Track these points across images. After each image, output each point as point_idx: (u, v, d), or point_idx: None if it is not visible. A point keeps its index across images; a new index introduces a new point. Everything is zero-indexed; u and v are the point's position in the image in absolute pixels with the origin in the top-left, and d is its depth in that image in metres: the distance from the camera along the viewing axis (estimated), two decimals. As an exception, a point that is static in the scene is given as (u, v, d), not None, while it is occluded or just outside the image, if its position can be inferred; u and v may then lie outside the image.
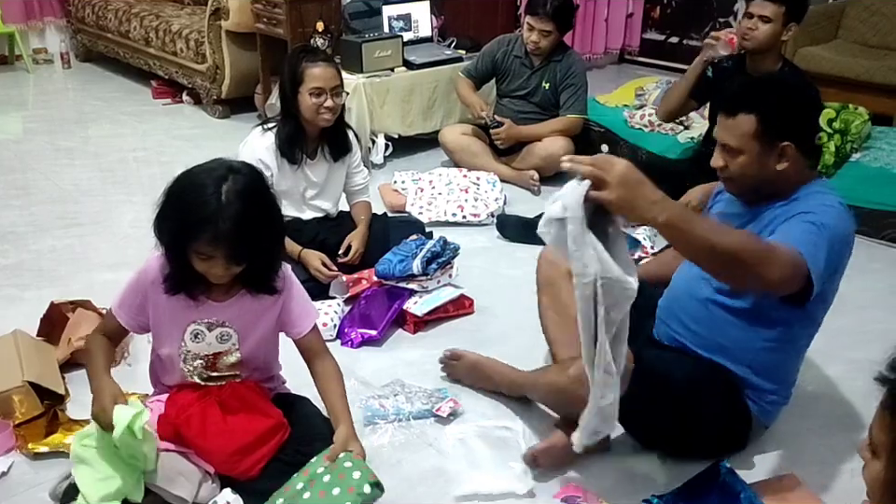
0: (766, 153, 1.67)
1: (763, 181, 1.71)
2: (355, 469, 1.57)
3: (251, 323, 1.71)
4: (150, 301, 1.66)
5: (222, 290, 1.67)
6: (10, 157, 4.07)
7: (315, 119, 2.53)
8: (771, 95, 1.69)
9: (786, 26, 2.90)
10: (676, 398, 1.74)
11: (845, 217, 1.68)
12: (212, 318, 1.67)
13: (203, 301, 1.66)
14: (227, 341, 1.70)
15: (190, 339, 1.68)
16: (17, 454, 1.87)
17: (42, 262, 2.91)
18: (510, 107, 3.75)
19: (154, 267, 1.65)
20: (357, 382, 2.20)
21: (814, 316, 1.79)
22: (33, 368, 2.01)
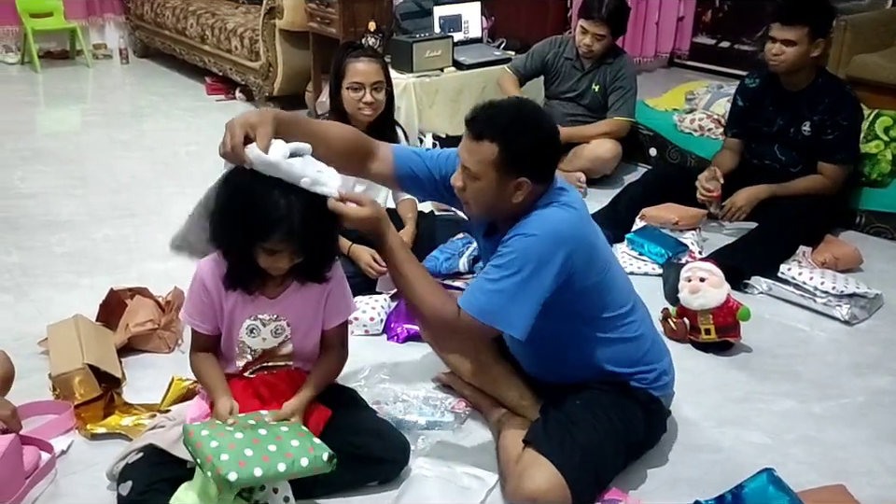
0: (503, 184, 1.65)
1: (496, 208, 1.71)
2: (312, 438, 1.61)
3: (302, 313, 1.76)
4: (214, 301, 1.71)
5: (275, 284, 1.72)
6: (70, 148, 4.20)
7: (355, 114, 2.56)
8: (516, 128, 1.64)
9: (812, 43, 2.85)
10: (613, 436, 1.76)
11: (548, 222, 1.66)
12: (266, 313, 1.72)
13: (257, 297, 1.71)
14: (281, 334, 1.75)
15: (246, 334, 1.73)
16: (76, 433, 1.95)
17: (99, 251, 3.01)
18: (558, 109, 3.74)
19: (206, 269, 1.70)
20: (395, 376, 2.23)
21: (588, 304, 1.76)
22: (92, 351, 2.09)
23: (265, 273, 1.67)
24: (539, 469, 1.64)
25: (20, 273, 2.79)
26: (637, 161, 3.93)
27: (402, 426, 1.97)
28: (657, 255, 2.87)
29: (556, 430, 1.71)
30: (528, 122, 1.67)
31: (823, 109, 2.92)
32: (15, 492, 1.69)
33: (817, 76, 2.97)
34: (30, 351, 2.24)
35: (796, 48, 2.85)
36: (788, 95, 3.00)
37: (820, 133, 2.96)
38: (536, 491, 1.62)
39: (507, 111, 1.67)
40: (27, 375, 2.06)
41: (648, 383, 1.84)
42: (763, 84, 3.08)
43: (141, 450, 1.67)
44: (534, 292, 1.63)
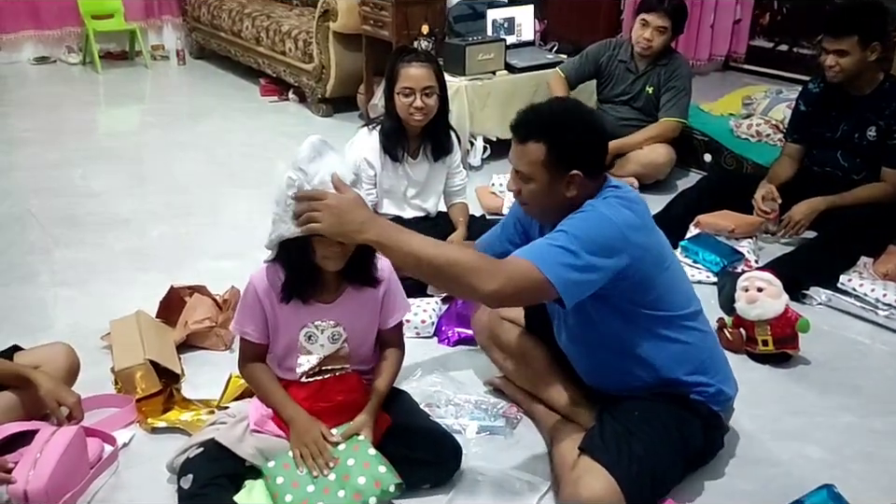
0: (556, 181, 1.68)
1: (555, 206, 1.71)
2: (380, 462, 1.64)
3: (358, 318, 1.78)
4: (266, 312, 1.74)
5: (330, 291, 1.75)
6: (130, 148, 4.32)
7: (407, 119, 2.57)
8: (559, 125, 1.68)
9: (866, 49, 2.78)
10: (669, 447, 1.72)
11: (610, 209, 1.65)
12: (323, 320, 1.75)
13: (313, 305, 1.74)
14: (338, 340, 1.78)
15: (305, 340, 1.76)
16: (137, 427, 2.00)
17: (157, 248, 3.09)
18: (611, 113, 3.70)
19: (261, 279, 1.73)
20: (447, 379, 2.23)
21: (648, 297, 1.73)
22: (153, 347, 2.14)
23: (319, 280, 1.70)
24: (595, 476, 1.62)
25: (83, 269, 2.88)
26: (691, 167, 3.88)
27: (454, 429, 1.98)
28: (712, 263, 2.83)
29: (613, 439, 1.69)
30: (570, 117, 1.72)
31: (890, 114, 2.84)
32: (79, 482, 1.74)
33: (883, 80, 2.89)
34: (93, 345, 2.30)
35: (849, 57, 2.79)
36: (852, 100, 2.93)
37: (886, 138, 2.88)
38: (591, 498, 1.61)
39: (548, 110, 1.73)
40: (90, 369, 2.12)
41: (708, 396, 1.81)
42: (826, 89, 3.01)
43: (202, 444, 1.71)
44: (591, 266, 1.60)
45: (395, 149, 2.65)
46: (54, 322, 2.51)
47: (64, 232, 3.19)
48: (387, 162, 2.67)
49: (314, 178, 1.55)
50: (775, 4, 5.61)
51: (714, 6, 5.53)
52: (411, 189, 2.77)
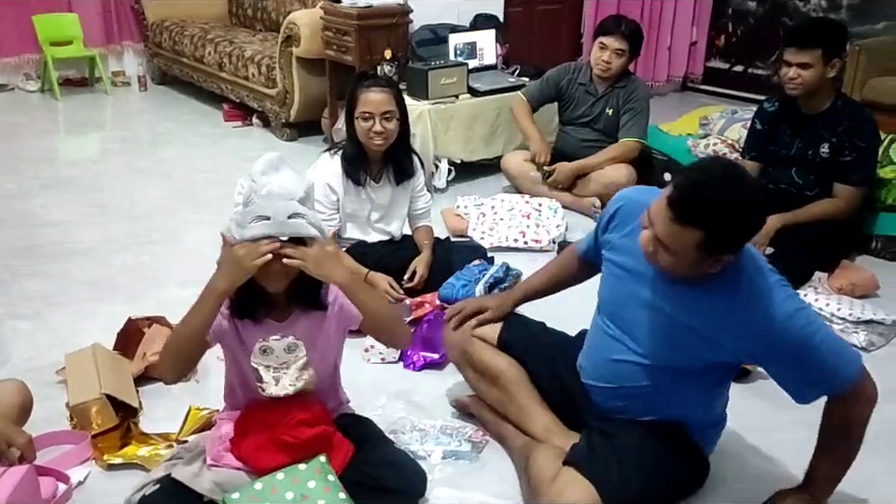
0: (703, 261, 1.59)
1: (690, 275, 1.65)
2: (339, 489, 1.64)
3: (315, 336, 1.77)
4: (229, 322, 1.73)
5: (280, 311, 1.74)
6: (89, 176, 4.25)
7: (367, 144, 2.58)
8: (723, 214, 1.52)
9: (827, 65, 2.85)
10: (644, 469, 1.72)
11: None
12: (276, 335, 1.73)
13: (266, 323, 1.73)
14: (294, 349, 1.74)
15: (259, 353, 1.73)
16: (93, 464, 1.95)
17: (118, 278, 3.03)
18: (573, 135, 3.76)
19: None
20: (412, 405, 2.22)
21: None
22: (109, 381, 2.10)
23: (265, 299, 1.70)
24: (580, 489, 1.62)
25: (39, 301, 2.82)
26: (652, 186, 3.92)
27: (419, 455, 1.96)
28: (674, 281, 2.85)
29: (603, 456, 1.69)
30: (737, 205, 1.53)
31: (842, 131, 2.92)
32: None
33: (835, 98, 2.97)
34: (48, 380, 2.25)
35: (812, 70, 2.85)
36: (806, 118, 3.00)
37: (838, 155, 2.95)
38: None
39: (715, 194, 1.51)
40: (45, 404, 2.07)
41: (707, 439, 1.83)
42: (781, 107, 3.08)
43: (158, 481, 1.68)
44: None
45: (357, 174, 2.65)
46: (9, 356, 2.45)
47: (22, 263, 3.13)
48: (350, 187, 2.67)
49: (262, 189, 1.59)
50: (729, 26, 5.76)
51: (671, 28, 5.66)
52: (374, 212, 2.77)
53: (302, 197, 1.62)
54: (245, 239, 1.59)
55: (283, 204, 1.59)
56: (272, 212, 1.58)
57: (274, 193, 1.59)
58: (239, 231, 1.60)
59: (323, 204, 2.64)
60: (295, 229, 1.60)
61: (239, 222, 1.61)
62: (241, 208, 1.61)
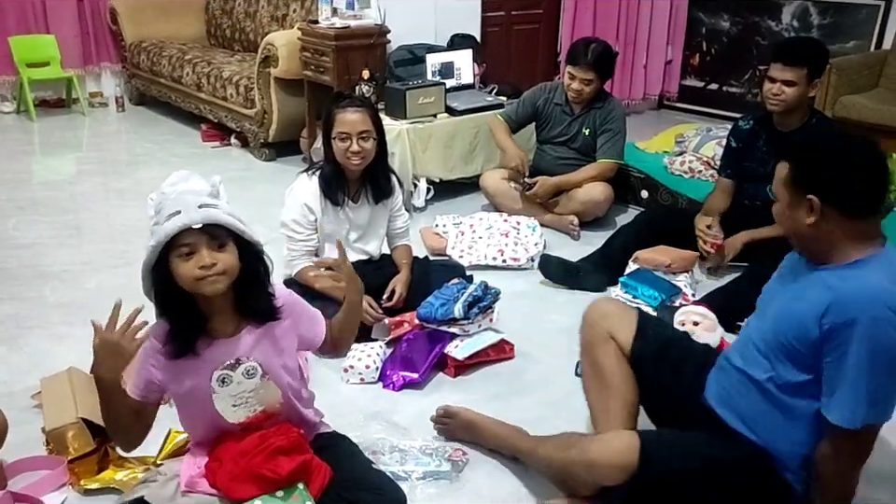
0: (795, 203, 1.64)
1: (797, 233, 1.67)
2: None
3: (269, 352, 1.71)
4: (165, 370, 1.66)
5: (228, 329, 1.67)
6: (65, 197, 4.22)
7: (345, 164, 2.59)
8: (809, 146, 1.69)
9: (809, 84, 2.91)
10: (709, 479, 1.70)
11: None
12: (231, 358, 1.67)
13: (213, 347, 1.65)
14: (254, 375, 1.69)
15: (218, 385, 1.67)
16: (70, 489, 1.93)
17: (94, 301, 3.00)
18: (550, 154, 3.79)
19: (158, 335, 1.65)
20: (391, 426, 2.21)
21: None
22: (86, 405, 2.07)
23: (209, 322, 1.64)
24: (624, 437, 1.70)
25: (13, 325, 2.78)
26: (629, 203, 3.98)
27: (399, 476, 1.96)
28: (651, 298, 2.89)
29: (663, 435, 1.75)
30: (830, 143, 1.67)
31: None
32: None
33: (810, 116, 3.03)
34: (24, 404, 2.22)
35: (795, 88, 2.90)
36: (780, 135, 3.05)
37: None
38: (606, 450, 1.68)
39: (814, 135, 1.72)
40: (20, 429, 2.03)
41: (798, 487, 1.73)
42: (756, 125, 3.14)
43: (132, 503, 1.65)
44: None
45: (335, 194, 2.66)
46: (-18, 381, 2.42)
47: (-5, 287, 3.09)
48: (328, 207, 2.68)
49: (171, 194, 1.58)
50: (704, 45, 5.85)
51: (646, 47, 5.74)
52: (353, 232, 2.77)
53: (212, 191, 1.60)
54: (160, 240, 1.52)
55: (193, 198, 1.56)
56: (182, 206, 1.54)
57: (183, 191, 1.58)
58: (156, 239, 1.53)
59: (301, 224, 2.64)
60: (205, 215, 1.54)
61: (153, 230, 1.55)
62: (154, 216, 1.56)
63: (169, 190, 1.59)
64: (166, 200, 1.58)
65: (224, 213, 1.58)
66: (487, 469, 2.06)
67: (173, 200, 1.57)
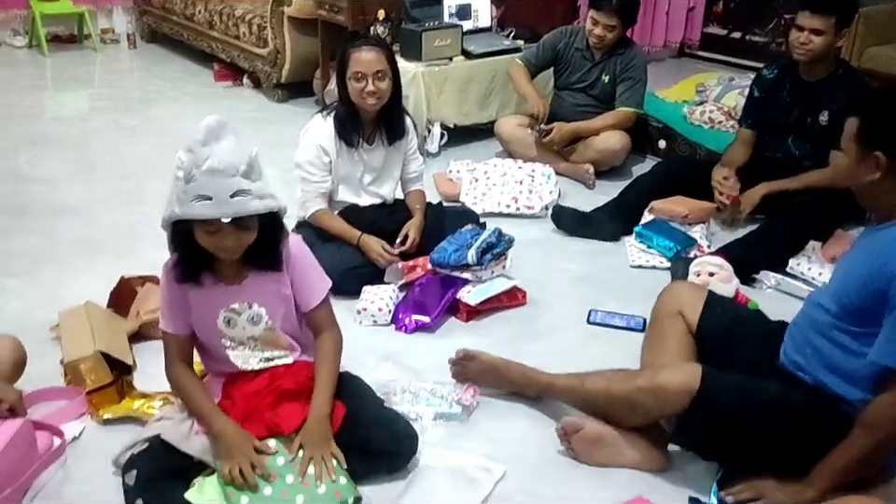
0: (861, 160, 1.65)
1: (865, 193, 1.70)
2: (340, 473, 1.64)
3: (272, 299, 1.74)
4: (183, 300, 1.70)
5: (232, 274, 1.70)
6: (78, 134, 4.20)
7: (360, 104, 2.55)
8: (879, 100, 1.70)
9: (838, 34, 2.84)
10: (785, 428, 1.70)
11: None
12: (235, 303, 1.71)
13: (220, 288, 1.69)
14: (259, 321, 1.73)
15: (225, 326, 1.72)
16: (88, 419, 1.96)
17: (108, 237, 3.01)
18: (568, 100, 3.73)
19: (167, 268, 1.70)
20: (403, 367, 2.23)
21: None
22: (103, 338, 2.10)
23: (212, 264, 1.66)
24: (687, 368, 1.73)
25: (29, 259, 2.80)
26: (647, 153, 3.92)
27: (409, 417, 1.98)
28: (665, 248, 2.87)
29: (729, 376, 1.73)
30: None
31: (842, 99, 2.91)
32: (23, 476, 1.69)
33: (836, 66, 2.96)
34: (42, 337, 2.25)
35: (823, 37, 2.83)
36: (805, 85, 2.99)
37: (837, 123, 2.94)
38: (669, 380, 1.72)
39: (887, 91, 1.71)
40: (38, 361, 2.06)
41: None
42: (780, 74, 3.07)
43: (147, 440, 1.68)
44: None
45: (350, 135, 2.63)
46: (1, 313, 2.44)
47: (10, 220, 3.10)
48: (343, 149, 2.65)
49: (203, 163, 1.53)
50: (728, -8, 5.69)
51: (669, -7, 5.60)
52: (367, 175, 2.75)
53: (246, 170, 1.56)
54: (186, 217, 1.55)
55: (225, 182, 1.52)
56: (213, 191, 1.52)
57: (216, 169, 1.52)
58: (180, 209, 1.55)
59: (315, 166, 2.62)
60: (238, 208, 1.54)
61: (180, 199, 1.55)
62: (182, 184, 1.54)
63: (200, 153, 1.52)
64: (198, 172, 1.52)
65: (256, 196, 1.56)
66: (497, 412, 2.07)
67: (205, 175, 1.52)
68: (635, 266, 2.89)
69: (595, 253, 3.01)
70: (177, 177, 1.55)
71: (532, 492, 1.80)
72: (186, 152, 1.55)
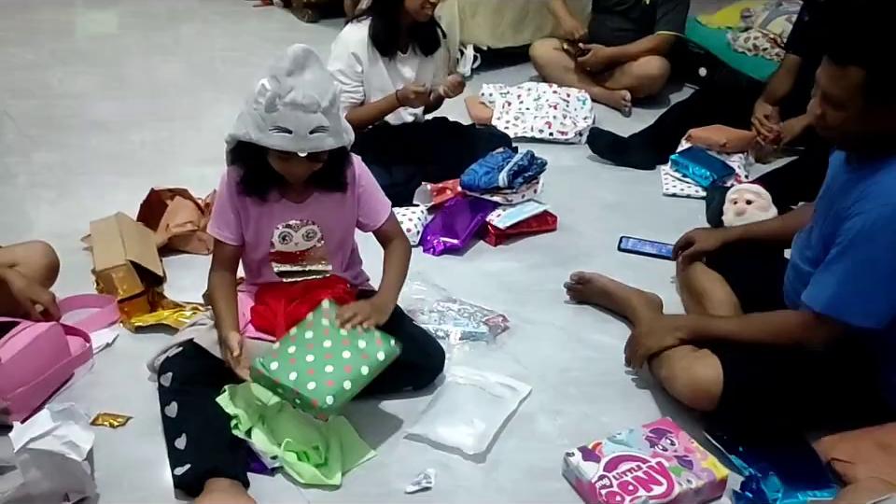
0: (872, 110, 1.48)
1: (862, 136, 1.54)
2: (374, 330, 1.63)
3: (332, 219, 1.76)
4: (238, 211, 1.71)
5: (297, 191, 1.71)
6: (108, 50, 4.18)
7: (418, 14, 2.52)
8: (886, 46, 1.45)
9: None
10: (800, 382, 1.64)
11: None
12: (296, 219, 1.72)
13: (282, 203, 1.71)
14: (313, 238, 1.76)
15: (279, 241, 1.74)
16: (121, 327, 1.99)
17: (138, 153, 3.02)
18: (606, 24, 3.60)
19: (229, 179, 1.70)
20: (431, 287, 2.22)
21: None
22: (134, 249, 2.11)
23: (283, 181, 1.67)
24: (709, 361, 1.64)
25: (62, 172, 2.82)
26: (686, 81, 3.80)
27: (437, 335, 1.98)
28: (702, 177, 2.80)
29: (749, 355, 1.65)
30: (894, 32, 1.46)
31: None
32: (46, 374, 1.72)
33: None
34: (73, 247, 2.27)
35: None
36: None
37: None
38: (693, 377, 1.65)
39: (875, 28, 1.48)
40: (70, 270, 2.09)
41: None
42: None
43: (181, 345, 1.71)
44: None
45: (386, 45, 2.58)
46: (34, 223, 2.47)
47: (42, 134, 3.11)
48: (376, 58, 2.60)
49: (286, 94, 1.52)
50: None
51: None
52: (401, 86, 2.69)
53: (327, 106, 1.56)
54: (262, 144, 1.56)
55: (306, 118, 1.54)
56: (294, 125, 1.54)
57: (299, 103, 1.52)
58: (257, 134, 1.56)
59: (347, 75, 2.58)
60: (315, 143, 1.57)
61: (259, 125, 1.56)
62: (262, 110, 1.55)
63: (285, 84, 1.52)
64: (280, 103, 1.52)
65: (332, 133, 1.58)
66: (525, 336, 2.07)
67: (287, 107, 1.53)
68: (668, 194, 2.84)
69: (627, 181, 2.95)
70: (258, 102, 1.55)
71: (556, 410, 1.81)
72: (270, 79, 1.54)
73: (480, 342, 2.02)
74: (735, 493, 1.57)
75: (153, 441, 1.62)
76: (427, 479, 1.58)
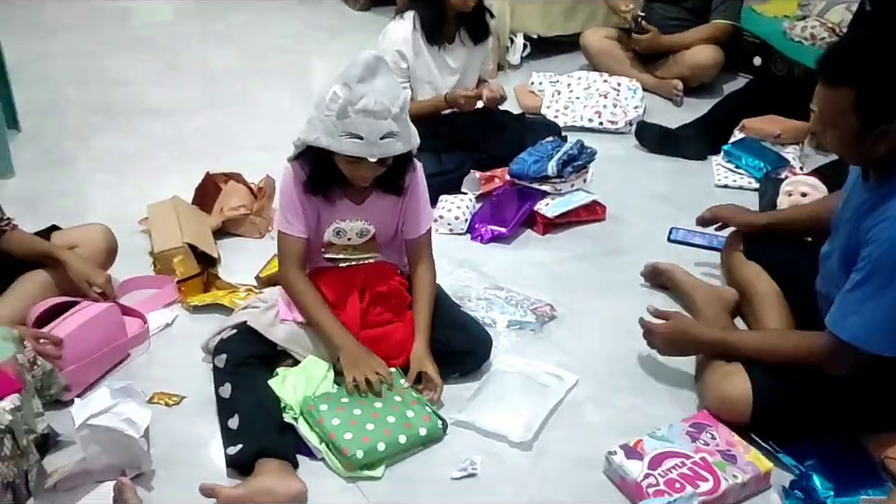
0: (864, 132, 1.44)
1: (861, 157, 1.52)
2: (425, 404, 1.67)
3: (385, 217, 1.81)
4: (306, 208, 1.74)
5: (358, 191, 1.75)
6: (165, 37, 4.26)
7: (459, 4, 2.52)
8: (875, 67, 1.41)
9: None
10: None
11: None
12: (353, 218, 1.77)
13: (343, 202, 1.76)
14: (365, 235, 1.81)
15: (333, 235, 1.79)
16: (179, 308, 2.05)
17: (193, 138, 3.09)
18: (659, 13, 3.54)
19: (294, 176, 1.73)
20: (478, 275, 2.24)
21: None
22: (190, 231, 2.17)
23: (346, 180, 1.70)
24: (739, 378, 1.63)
25: (120, 157, 2.90)
26: (739, 71, 3.72)
27: (484, 322, 1.99)
28: (755, 168, 2.75)
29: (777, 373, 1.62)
30: (891, 56, 1.41)
31: None
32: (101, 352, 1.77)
33: None
34: (132, 229, 2.33)
35: None
36: None
37: None
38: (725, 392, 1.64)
39: (864, 47, 1.45)
40: (128, 252, 2.15)
41: None
42: None
43: (235, 327, 1.75)
44: None
45: (434, 34, 2.59)
46: (93, 206, 2.55)
47: (101, 120, 3.20)
48: (422, 50, 2.60)
49: (357, 102, 1.56)
50: None
51: None
52: (449, 77, 2.70)
53: (397, 113, 1.59)
54: (333, 150, 1.61)
55: (377, 124, 1.57)
56: (365, 131, 1.57)
57: (370, 110, 1.56)
58: (327, 140, 1.60)
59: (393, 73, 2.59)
60: (385, 149, 1.61)
61: (329, 130, 1.60)
62: (333, 116, 1.59)
63: (357, 91, 1.56)
64: (352, 110, 1.56)
65: (400, 140, 1.62)
66: (572, 326, 2.07)
67: (359, 114, 1.57)
68: (720, 186, 2.79)
69: (678, 172, 2.91)
70: (329, 109, 1.59)
71: (603, 401, 1.81)
72: (342, 87, 1.58)
73: (526, 330, 2.03)
74: (785, 490, 1.55)
75: (207, 421, 1.67)
76: (473, 465, 1.60)
